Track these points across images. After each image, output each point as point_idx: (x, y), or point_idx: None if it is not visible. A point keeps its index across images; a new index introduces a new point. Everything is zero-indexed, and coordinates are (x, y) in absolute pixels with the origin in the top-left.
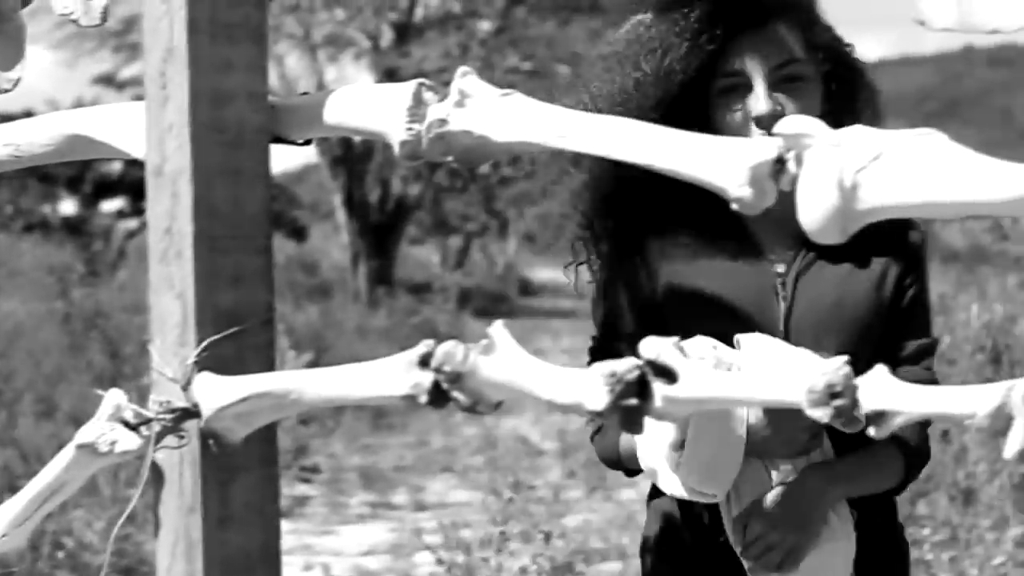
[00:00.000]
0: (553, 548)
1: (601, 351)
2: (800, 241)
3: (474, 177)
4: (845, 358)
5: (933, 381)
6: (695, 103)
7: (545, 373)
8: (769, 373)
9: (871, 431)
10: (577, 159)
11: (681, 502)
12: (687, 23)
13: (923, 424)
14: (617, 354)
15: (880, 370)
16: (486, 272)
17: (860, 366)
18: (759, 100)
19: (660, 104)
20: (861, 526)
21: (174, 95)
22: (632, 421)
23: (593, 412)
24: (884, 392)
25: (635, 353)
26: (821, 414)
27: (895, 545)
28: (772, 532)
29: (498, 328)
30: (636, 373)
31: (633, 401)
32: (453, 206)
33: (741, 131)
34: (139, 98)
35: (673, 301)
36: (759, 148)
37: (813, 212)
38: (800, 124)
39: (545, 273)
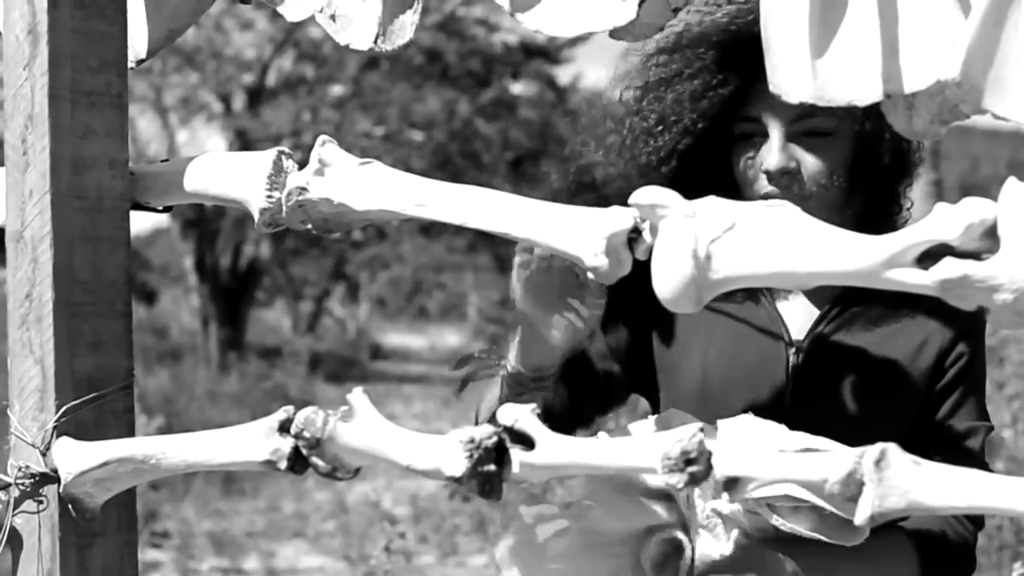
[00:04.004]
0: None
1: None
2: (828, 300)
3: (322, 241)
4: (698, 426)
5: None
6: (716, 147)
7: (404, 439)
8: (626, 440)
9: (725, 496)
10: (429, 226)
11: None
12: (702, 64)
13: (969, 518)
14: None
15: (732, 437)
16: (337, 336)
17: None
18: (772, 153)
19: (672, 153)
20: None
21: (35, 161)
22: (490, 487)
23: (451, 478)
24: (738, 458)
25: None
26: (676, 480)
27: None
28: None
29: (357, 395)
30: (494, 439)
31: (491, 467)
32: (304, 270)
33: (753, 182)
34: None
35: (669, 369)
36: (615, 218)
37: (668, 282)
38: (655, 195)
39: (396, 338)
